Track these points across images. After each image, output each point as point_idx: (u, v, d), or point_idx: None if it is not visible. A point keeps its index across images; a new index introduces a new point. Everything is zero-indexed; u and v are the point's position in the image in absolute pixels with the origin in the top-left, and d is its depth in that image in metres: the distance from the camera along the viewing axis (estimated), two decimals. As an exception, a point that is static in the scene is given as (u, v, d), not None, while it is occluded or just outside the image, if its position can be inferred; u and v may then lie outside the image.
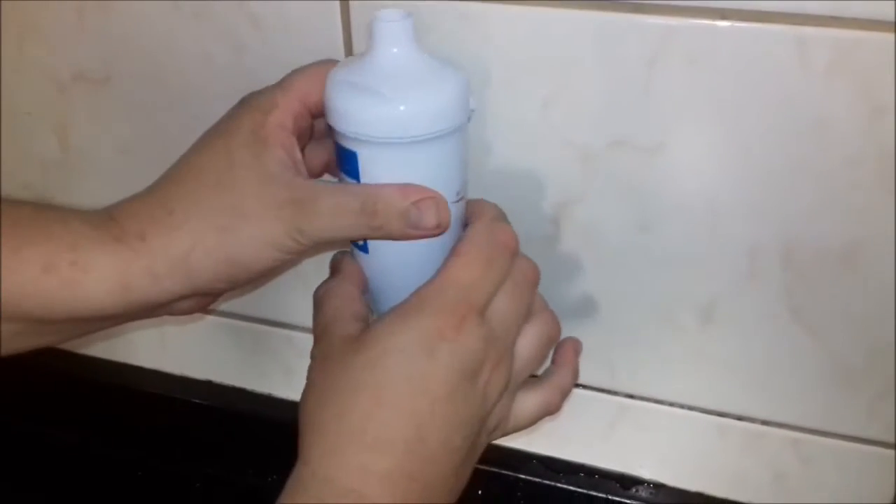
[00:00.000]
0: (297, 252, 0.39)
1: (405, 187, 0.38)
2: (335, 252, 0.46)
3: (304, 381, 0.63)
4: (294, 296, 0.59)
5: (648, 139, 0.45)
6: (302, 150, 0.42)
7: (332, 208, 0.38)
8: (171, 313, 0.43)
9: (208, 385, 0.67)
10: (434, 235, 0.39)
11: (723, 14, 0.40)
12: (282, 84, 0.41)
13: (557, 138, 0.46)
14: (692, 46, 0.41)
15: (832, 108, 0.41)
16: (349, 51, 0.47)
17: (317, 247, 0.39)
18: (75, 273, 0.37)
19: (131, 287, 0.38)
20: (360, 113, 0.38)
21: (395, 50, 0.38)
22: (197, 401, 0.66)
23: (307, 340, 0.61)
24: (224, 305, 0.62)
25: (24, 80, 0.56)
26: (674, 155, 0.45)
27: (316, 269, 0.56)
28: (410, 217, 0.38)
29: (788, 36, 0.40)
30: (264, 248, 0.38)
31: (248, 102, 0.41)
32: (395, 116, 0.37)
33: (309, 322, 0.62)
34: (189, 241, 0.38)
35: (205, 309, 0.44)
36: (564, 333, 0.53)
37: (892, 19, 0.38)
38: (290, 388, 0.64)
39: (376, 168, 0.39)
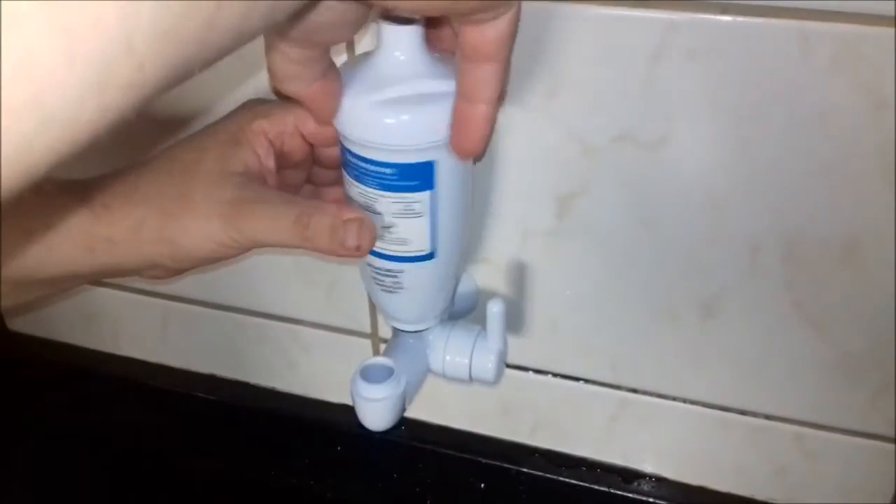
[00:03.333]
0: (236, 248, 0.40)
1: (342, 207, 0.40)
2: None
3: (306, 376, 0.64)
4: (297, 291, 0.59)
5: (651, 133, 0.45)
6: (290, 166, 0.44)
7: (270, 215, 0.39)
8: (141, 276, 0.45)
9: (211, 379, 0.67)
10: (354, 256, 0.39)
11: (724, 9, 0.40)
12: (287, 100, 0.42)
13: (560, 132, 0.46)
14: (694, 41, 0.41)
15: (834, 102, 0.41)
16: (350, 50, 0.47)
17: (260, 246, 0.41)
18: (51, 236, 0.40)
19: (95, 250, 0.41)
20: (347, 115, 0.38)
21: (398, 54, 0.38)
22: (200, 395, 0.66)
23: (310, 335, 0.61)
24: (227, 300, 0.62)
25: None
26: (676, 149, 0.45)
27: (319, 266, 0.57)
28: (338, 235, 0.39)
29: (791, 31, 0.40)
30: (203, 239, 0.40)
31: (245, 106, 0.43)
32: (379, 125, 0.38)
33: (312, 317, 0.62)
34: (140, 216, 0.41)
35: (171, 277, 0.46)
36: (566, 326, 0.54)
37: (894, 14, 0.38)
38: (293, 382, 0.65)
39: (362, 171, 0.40)
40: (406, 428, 0.61)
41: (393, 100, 0.38)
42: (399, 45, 0.38)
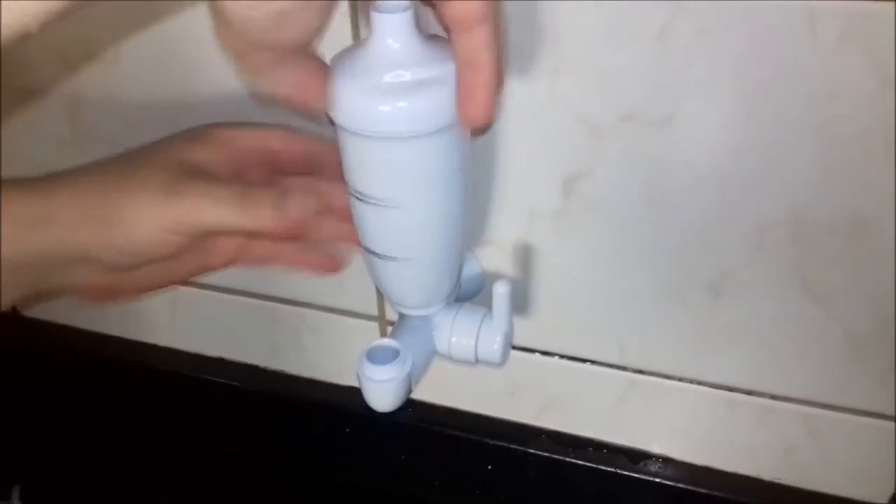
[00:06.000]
0: (177, 232, 0.40)
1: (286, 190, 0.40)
2: None
3: (315, 358, 0.64)
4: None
5: (658, 113, 0.44)
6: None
7: (211, 190, 0.39)
8: (75, 284, 0.44)
9: (220, 362, 0.67)
10: (297, 235, 0.40)
11: (731, -14, 0.40)
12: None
13: (567, 112, 0.46)
14: (701, 20, 0.41)
15: (842, 80, 0.41)
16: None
17: (203, 235, 0.40)
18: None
19: (33, 228, 0.40)
20: (338, 101, 0.38)
21: (390, 42, 0.37)
22: (209, 378, 0.67)
23: (319, 318, 0.61)
24: (236, 283, 0.63)
25: (36, 58, 0.57)
26: (683, 128, 0.44)
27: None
28: (282, 203, 0.39)
29: (798, 8, 0.39)
30: (141, 220, 0.40)
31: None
32: (369, 112, 0.37)
33: (321, 300, 0.62)
34: (80, 191, 0.41)
35: (110, 296, 0.46)
36: (572, 307, 0.54)
37: (904, -10, 0.38)
38: (301, 365, 0.65)
39: (355, 158, 0.40)
40: (413, 410, 0.61)
41: (389, 87, 0.37)
42: (391, 32, 0.37)
